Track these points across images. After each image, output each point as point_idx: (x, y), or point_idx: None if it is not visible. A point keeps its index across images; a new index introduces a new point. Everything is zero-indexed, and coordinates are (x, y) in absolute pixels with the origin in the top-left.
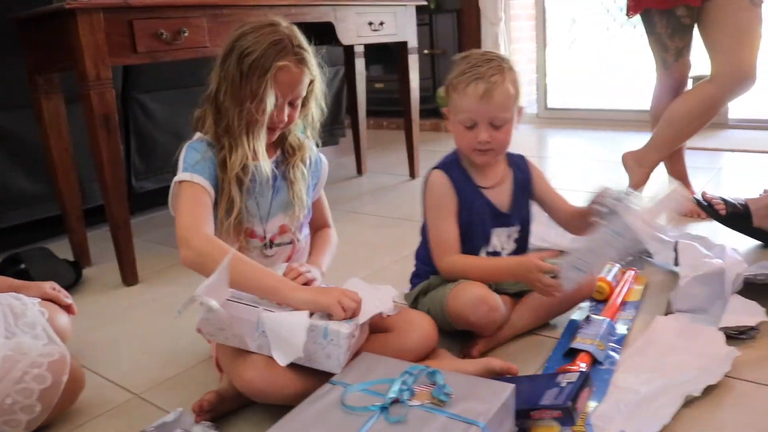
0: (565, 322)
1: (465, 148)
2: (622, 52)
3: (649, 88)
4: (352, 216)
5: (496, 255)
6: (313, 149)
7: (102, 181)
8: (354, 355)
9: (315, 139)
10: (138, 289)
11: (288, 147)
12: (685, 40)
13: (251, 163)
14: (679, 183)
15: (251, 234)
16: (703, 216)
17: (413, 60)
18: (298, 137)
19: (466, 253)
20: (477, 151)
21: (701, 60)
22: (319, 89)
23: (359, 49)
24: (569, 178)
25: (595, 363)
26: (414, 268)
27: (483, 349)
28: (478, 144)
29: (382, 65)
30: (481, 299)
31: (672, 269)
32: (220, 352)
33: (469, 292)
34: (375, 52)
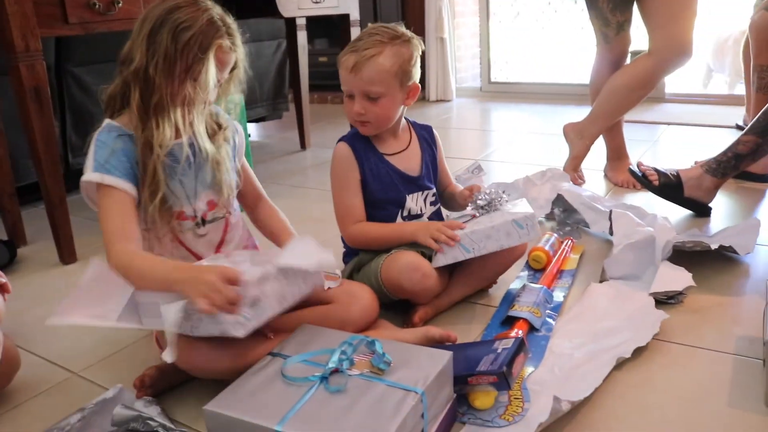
0: (503, 291)
1: (348, 118)
2: (564, 26)
3: (589, 63)
4: (296, 190)
5: (417, 218)
6: (230, 122)
7: (35, 158)
8: (294, 326)
9: (236, 118)
10: (76, 267)
11: (213, 125)
12: (626, 14)
13: (171, 142)
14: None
15: (182, 216)
16: (638, 187)
17: (356, 33)
18: (220, 116)
19: (384, 219)
20: (356, 122)
21: (639, 35)
22: (242, 70)
23: (301, 22)
24: (512, 152)
25: (532, 330)
26: (344, 248)
27: (424, 316)
28: (354, 114)
29: (327, 39)
30: (414, 266)
31: (607, 238)
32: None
33: (401, 260)
34: (320, 25)
